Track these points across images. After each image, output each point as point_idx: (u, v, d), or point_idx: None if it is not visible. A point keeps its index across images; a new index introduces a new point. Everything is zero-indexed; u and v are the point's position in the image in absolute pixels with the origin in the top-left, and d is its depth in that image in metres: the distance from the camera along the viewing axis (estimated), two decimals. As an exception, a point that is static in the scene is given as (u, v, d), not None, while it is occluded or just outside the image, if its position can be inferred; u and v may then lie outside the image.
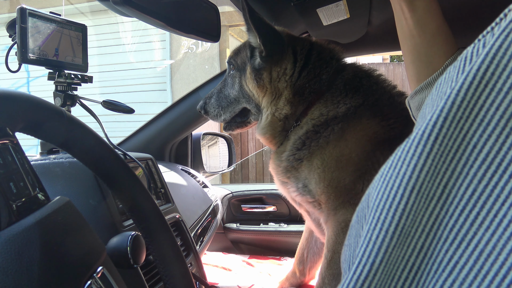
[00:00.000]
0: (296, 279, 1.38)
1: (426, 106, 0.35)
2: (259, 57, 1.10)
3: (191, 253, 1.10)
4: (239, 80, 1.16)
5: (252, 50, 1.13)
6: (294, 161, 1.07)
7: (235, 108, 1.19)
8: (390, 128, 1.02)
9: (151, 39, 5.41)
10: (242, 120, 1.22)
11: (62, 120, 0.46)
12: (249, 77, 1.12)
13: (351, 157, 1.00)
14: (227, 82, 1.20)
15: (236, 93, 1.17)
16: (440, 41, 0.65)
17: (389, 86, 1.13)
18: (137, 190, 0.57)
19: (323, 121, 1.04)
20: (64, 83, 0.96)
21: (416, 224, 0.29)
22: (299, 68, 1.09)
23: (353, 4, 1.14)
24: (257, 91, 1.12)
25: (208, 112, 1.23)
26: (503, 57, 0.25)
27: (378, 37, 1.54)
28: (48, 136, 0.47)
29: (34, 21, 0.86)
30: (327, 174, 1.01)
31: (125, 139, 1.66)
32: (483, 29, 0.31)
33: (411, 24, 0.65)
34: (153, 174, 1.11)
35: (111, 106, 1.05)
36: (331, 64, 1.12)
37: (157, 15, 0.77)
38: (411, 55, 0.68)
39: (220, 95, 1.21)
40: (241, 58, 1.17)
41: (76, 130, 0.49)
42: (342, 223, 1.00)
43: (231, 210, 2.01)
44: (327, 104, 1.06)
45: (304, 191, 1.06)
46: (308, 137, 1.05)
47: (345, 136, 1.02)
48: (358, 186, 0.99)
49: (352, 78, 1.09)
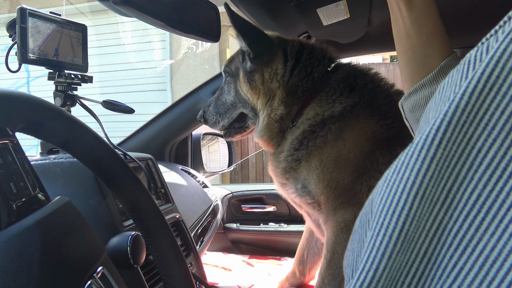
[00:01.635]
0: (296, 279, 1.38)
1: (429, 110, 0.35)
2: (249, 60, 1.12)
3: (191, 253, 1.10)
4: (234, 86, 1.18)
5: (243, 55, 1.15)
6: (292, 162, 1.07)
7: (232, 114, 1.21)
8: (388, 128, 1.02)
9: (151, 39, 5.41)
10: (240, 126, 1.23)
11: (62, 120, 0.46)
12: (242, 80, 1.14)
13: (349, 157, 1.00)
14: (224, 89, 1.22)
15: (233, 99, 1.19)
16: (436, 41, 0.64)
17: (386, 85, 1.13)
18: (137, 190, 0.57)
19: (319, 121, 1.05)
20: (64, 83, 0.96)
21: (420, 230, 0.28)
22: (290, 67, 1.10)
23: (353, 4, 1.14)
24: (251, 94, 1.14)
25: (207, 120, 1.25)
26: (508, 60, 0.25)
27: (378, 37, 1.54)
28: (48, 136, 0.47)
29: (34, 21, 0.87)
30: (326, 175, 1.01)
31: (125, 139, 1.66)
32: (480, 30, 0.31)
33: (408, 23, 0.65)
34: (153, 174, 1.11)
35: (111, 106, 1.05)
36: (323, 62, 1.12)
37: (157, 15, 0.77)
38: (406, 55, 0.68)
39: (218, 103, 1.23)
40: (234, 65, 1.19)
41: (76, 130, 0.49)
42: (342, 223, 1.00)
43: (231, 210, 2.01)
44: (321, 103, 1.07)
45: (303, 192, 1.06)
46: (305, 137, 1.06)
47: (343, 135, 1.01)
48: (357, 186, 0.99)
49: (346, 77, 1.09)
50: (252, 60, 1.11)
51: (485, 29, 0.31)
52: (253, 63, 1.12)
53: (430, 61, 0.65)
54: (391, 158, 1.00)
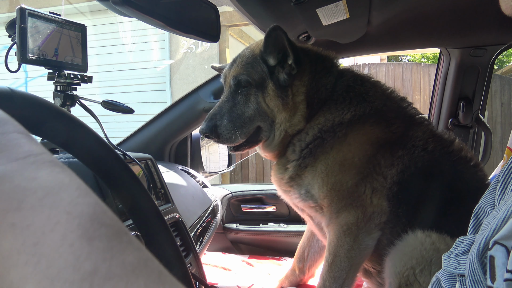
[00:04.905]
0: (295, 277, 1.38)
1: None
2: (286, 75, 1.07)
3: (190, 253, 1.09)
4: (255, 98, 1.08)
5: (270, 67, 1.09)
6: (299, 169, 1.08)
7: (249, 128, 1.09)
8: (391, 133, 1.04)
9: (151, 39, 5.40)
10: (254, 140, 1.13)
11: (62, 120, 0.46)
12: (272, 94, 1.07)
13: (354, 161, 1.02)
14: (237, 100, 1.09)
15: (252, 112, 1.08)
16: None
17: (392, 92, 1.15)
18: (136, 190, 0.57)
19: (329, 126, 1.06)
20: (63, 83, 0.96)
21: None
22: (311, 79, 1.10)
23: (353, 4, 1.14)
24: (279, 108, 1.08)
25: (221, 135, 1.08)
26: None
27: (378, 37, 1.54)
28: (48, 135, 0.46)
29: (34, 21, 0.86)
30: (331, 178, 1.02)
31: (125, 139, 1.66)
32: (480, 30, 0.31)
33: None
34: (153, 174, 1.11)
35: (110, 106, 1.05)
36: (332, 72, 1.13)
37: (156, 15, 0.77)
38: None
39: (233, 115, 1.08)
40: (257, 74, 1.09)
41: (76, 130, 0.49)
42: (344, 226, 1.01)
43: (230, 210, 2.01)
44: (331, 110, 1.08)
45: (306, 196, 1.08)
46: (315, 145, 1.06)
47: (348, 140, 1.03)
48: (360, 188, 1.01)
49: (352, 85, 1.11)
50: (291, 76, 1.07)
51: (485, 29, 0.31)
52: (290, 77, 1.07)
53: None
54: (392, 160, 1.02)
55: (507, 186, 0.48)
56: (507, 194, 0.46)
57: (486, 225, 0.42)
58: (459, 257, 0.49)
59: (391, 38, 1.60)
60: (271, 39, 1.04)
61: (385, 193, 1.01)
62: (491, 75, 1.72)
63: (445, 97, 1.79)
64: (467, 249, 0.49)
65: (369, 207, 1.00)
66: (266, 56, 1.08)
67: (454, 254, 0.50)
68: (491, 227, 0.39)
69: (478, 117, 1.74)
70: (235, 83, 1.10)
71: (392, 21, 1.37)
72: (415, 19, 1.37)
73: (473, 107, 1.74)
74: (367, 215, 1.00)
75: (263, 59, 1.09)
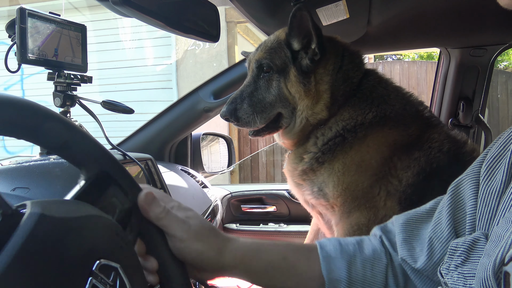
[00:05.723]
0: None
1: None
2: (309, 60, 1.06)
3: (190, 253, 1.09)
4: (277, 83, 1.09)
5: (294, 53, 1.08)
6: (315, 163, 1.08)
7: (270, 114, 1.10)
8: (408, 136, 1.05)
9: (155, 35, 5.32)
10: (274, 126, 1.13)
11: (57, 124, 0.44)
12: (294, 80, 1.07)
13: (370, 163, 1.02)
14: (259, 85, 1.10)
15: (273, 97, 1.09)
16: None
17: (411, 96, 1.15)
18: None
19: (353, 125, 1.05)
20: (63, 83, 0.96)
21: None
22: (336, 70, 1.09)
23: (353, 4, 1.14)
24: (301, 95, 1.07)
25: (240, 119, 1.09)
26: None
27: (378, 37, 1.54)
28: (43, 141, 0.44)
29: (34, 22, 0.86)
30: (346, 178, 1.02)
31: (125, 139, 1.66)
32: (480, 30, 0.31)
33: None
34: (153, 174, 1.11)
35: (110, 106, 1.05)
36: (360, 69, 1.12)
37: (156, 15, 0.77)
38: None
39: (253, 100, 1.09)
40: (280, 60, 1.08)
41: (73, 134, 0.47)
42: (355, 226, 1.01)
43: (230, 210, 2.01)
44: (355, 108, 1.07)
45: (319, 194, 1.07)
46: (336, 142, 1.06)
47: (367, 142, 1.04)
48: (374, 190, 1.01)
49: (376, 86, 1.11)
50: (314, 61, 1.06)
51: (485, 29, 0.31)
52: (313, 63, 1.06)
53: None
54: (409, 162, 1.02)
55: (493, 172, 0.48)
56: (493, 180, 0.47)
57: (498, 237, 0.40)
58: (461, 268, 0.45)
59: (391, 38, 1.60)
60: (295, 20, 1.02)
61: (398, 196, 1.00)
62: (491, 75, 1.73)
63: (445, 97, 1.79)
64: (465, 258, 0.45)
65: (382, 209, 1.00)
66: (290, 39, 1.07)
67: (453, 266, 0.46)
68: (505, 241, 0.36)
69: (478, 117, 1.74)
70: (257, 68, 1.11)
71: (392, 21, 1.37)
72: (415, 19, 1.37)
73: (473, 107, 1.74)
74: (379, 217, 0.99)
75: (288, 43, 1.08)
